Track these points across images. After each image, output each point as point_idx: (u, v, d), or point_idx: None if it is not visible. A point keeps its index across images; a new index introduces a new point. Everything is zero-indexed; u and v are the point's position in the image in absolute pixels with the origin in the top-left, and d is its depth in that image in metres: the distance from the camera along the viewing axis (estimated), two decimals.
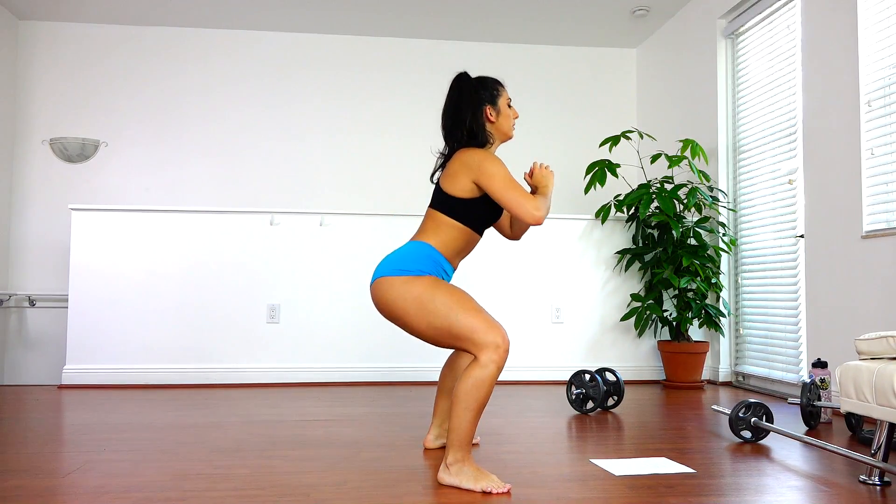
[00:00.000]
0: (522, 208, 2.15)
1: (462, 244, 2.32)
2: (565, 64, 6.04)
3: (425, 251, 2.25)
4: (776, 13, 4.18)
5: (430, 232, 2.29)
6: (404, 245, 2.30)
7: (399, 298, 2.18)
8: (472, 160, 2.23)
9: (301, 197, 5.64)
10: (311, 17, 5.46)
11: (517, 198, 2.16)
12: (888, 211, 3.29)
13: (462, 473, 2.06)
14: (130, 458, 2.42)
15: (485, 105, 2.34)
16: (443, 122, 2.39)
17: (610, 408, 3.51)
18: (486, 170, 2.19)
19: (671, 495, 2.01)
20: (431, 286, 2.17)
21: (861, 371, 2.20)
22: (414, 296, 2.16)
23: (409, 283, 2.18)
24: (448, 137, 2.37)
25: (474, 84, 2.36)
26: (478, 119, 2.33)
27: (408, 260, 2.22)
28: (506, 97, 2.39)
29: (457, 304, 2.12)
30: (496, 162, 2.21)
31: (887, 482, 2.14)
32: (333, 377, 4.42)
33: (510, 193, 2.16)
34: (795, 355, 3.93)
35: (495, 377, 2.07)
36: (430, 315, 2.13)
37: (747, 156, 4.46)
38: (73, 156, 5.39)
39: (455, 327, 2.10)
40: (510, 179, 2.18)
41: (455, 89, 2.37)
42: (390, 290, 2.20)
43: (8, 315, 5.35)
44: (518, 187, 2.17)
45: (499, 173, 2.18)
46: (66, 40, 5.53)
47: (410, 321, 2.18)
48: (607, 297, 4.69)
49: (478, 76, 2.40)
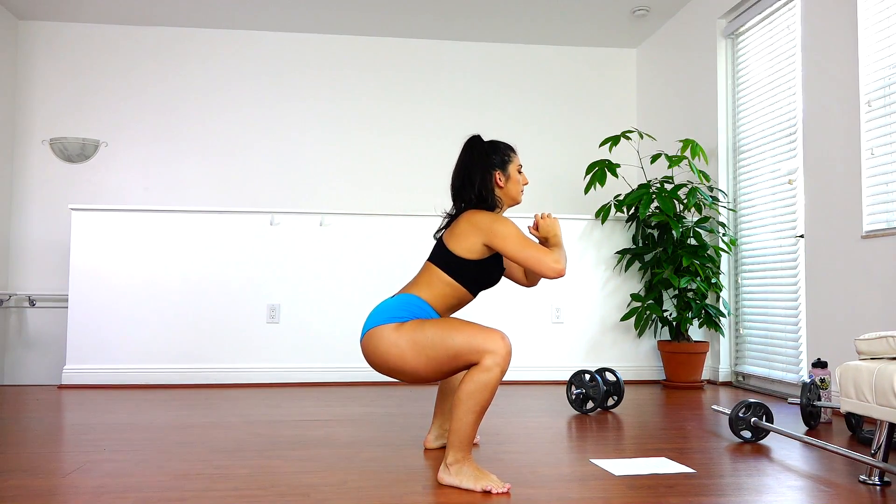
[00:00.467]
0: (543, 265, 2.15)
1: (454, 301, 2.31)
2: (565, 64, 6.04)
3: (415, 303, 2.23)
4: (776, 13, 4.18)
5: (424, 286, 2.28)
6: (394, 296, 2.28)
7: (392, 346, 2.15)
8: (481, 222, 2.23)
9: (301, 197, 5.64)
10: (311, 17, 5.46)
11: (535, 255, 2.16)
12: (888, 211, 3.29)
13: (462, 473, 2.07)
14: (130, 458, 2.42)
15: (495, 170, 2.34)
16: (452, 181, 2.39)
17: (610, 408, 3.51)
18: (498, 231, 2.19)
19: (671, 495, 2.01)
20: (419, 324, 2.16)
21: (861, 371, 2.20)
22: (406, 339, 2.13)
23: (399, 330, 2.16)
24: (456, 198, 2.37)
25: (486, 148, 2.36)
26: (486, 183, 2.32)
27: (397, 309, 2.21)
28: (516, 163, 2.39)
29: (447, 328, 2.11)
30: (507, 223, 2.21)
31: (887, 482, 2.14)
32: (333, 377, 4.42)
33: (526, 252, 2.16)
34: (795, 355, 3.93)
35: (498, 380, 2.06)
36: (425, 349, 2.11)
37: (747, 156, 4.46)
38: (73, 156, 5.39)
39: (452, 348, 2.08)
40: (524, 238, 2.18)
41: (466, 151, 2.37)
42: (382, 340, 2.17)
43: (8, 315, 5.35)
44: (533, 244, 2.17)
45: (511, 234, 2.18)
46: (66, 40, 5.53)
47: (409, 364, 2.14)
48: (607, 297, 4.69)
49: (490, 140, 2.40)
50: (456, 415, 2.07)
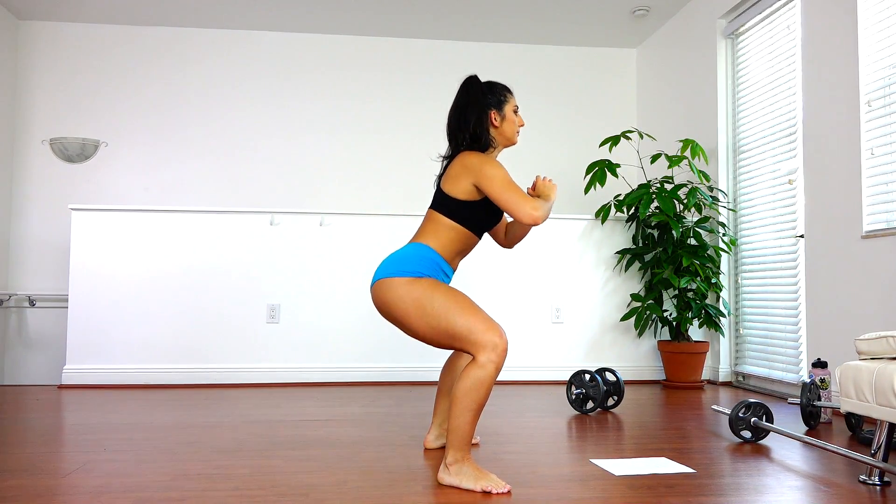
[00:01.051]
0: (520, 208, 2.15)
1: (461, 246, 2.33)
2: (565, 64, 6.04)
3: (425, 253, 2.26)
4: (776, 13, 4.18)
5: (430, 234, 2.30)
6: (404, 247, 2.30)
7: (399, 300, 2.19)
8: (472, 163, 2.24)
9: (301, 197, 5.64)
10: (311, 17, 5.46)
11: (515, 198, 2.16)
12: (888, 211, 3.29)
13: (462, 473, 2.06)
14: (130, 458, 2.42)
15: (490, 109, 2.35)
16: (448, 122, 2.40)
17: (610, 408, 3.51)
18: (486, 172, 2.20)
19: (671, 495, 2.01)
20: (430, 288, 2.18)
21: (861, 371, 2.20)
22: (413, 297, 2.16)
23: (408, 285, 2.18)
24: (451, 138, 2.38)
25: (482, 87, 2.37)
26: (482, 122, 2.33)
27: (407, 262, 2.23)
28: (513, 104, 2.39)
29: (455, 306, 2.13)
30: (496, 165, 2.22)
31: (887, 482, 2.14)
32: (333, 377, 4.42)
33: (507, 194, 2.17)
34: (795, 355, 3.93)
35: (494, 377, 2.07)
36: (428, 317, 2.14)
37: (747, 156, 4.46)
38: (73, 156, 5.39)
39: (453, 328, 2.11)
40: (509, 181, 2.19)
41: (463, 91, 2.38)
42: (390, 292, 2.21)
43: (8, 315, 5.35)
44: (516, 189, 2.18)
45: (498, 175, 2.19)
46: (66, 40, 5.53)
47: (410, 323, 2.19)
48: (607, 297, 4.69)
49: (487, 80, 2.41)
50: (453, 413, 2.08)
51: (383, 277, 2.23)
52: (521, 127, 2.42)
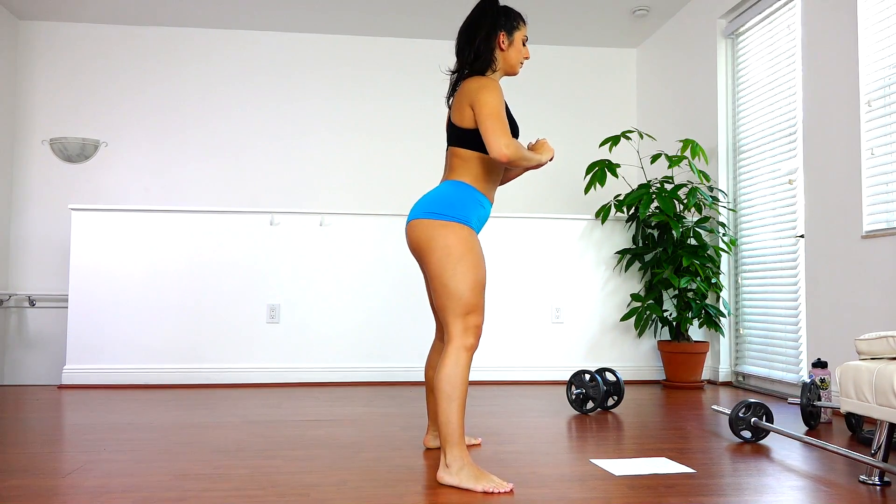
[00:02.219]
0: (495, 139, 2.11)
1: (492, 173, 2.31)
2: (565, 64, 6.04)
3: (459, 190, 2.24)
4: (776, 13, 4.18)
5: (458, 168, 2.29)
6: (439, 185, 2.29)
7: (431, 240, 2.19)
8: (470, 87, 2.22)
9: (301, 197, 5.64)
10: (311, 17, 5.46)
11: (494, 128, 2.12)
12: (888, 211, 3.29)
13: (462, 473, 2.06)
14: (130, 458, 2.42)
15: (500, 30, 2.32)
16: (457, 38, 2.38)
17: (610, 408, 3.51)
18: (480, 97, 2.18)
19: (671, 495, 2.01)
20: (465, 245, 2.17)
21: (861, 371, 2.20)
22: (445, 244, 2.17)
23: (443, 229, 2.18)
24: (458, 54, 2.36)
25: (497, 9, 2.34)
26: (489, 41, 2.31)
27: (444, 203, 2.22)
28: (523, 32, 2.37)
29: (474, 282, 2.15)
30: (492, 91, 2.19)
31: (887, 482, 2.14)
32: (333, 377, 4.42)
33: (489, 122, 2.13)
34: (795, 355, 3.93)
35: (467, 363, 2.13)
36: (448, 269, 2.15)
37: (747, 156, 4.46)
38: (73, 156, 5.40)
39: (456, 292, 2.14)
40: (497, 112, 2.15)
41: (477, 8, 2.35)
42: (425, 231, 2.20)
43: (8, 315, 5.35)
44: (501, 121, 2.14)
45: (490, 102, 2.16)
46: (66, 40, 5.53)
47: (430, 263, 2.19)
48: (607, 297, 4.69)
49: (504, 5, 2.38)
50: (439, 408, 2.10)
51: (417, 218, 2.23)
52: (525, 59, 2.39)
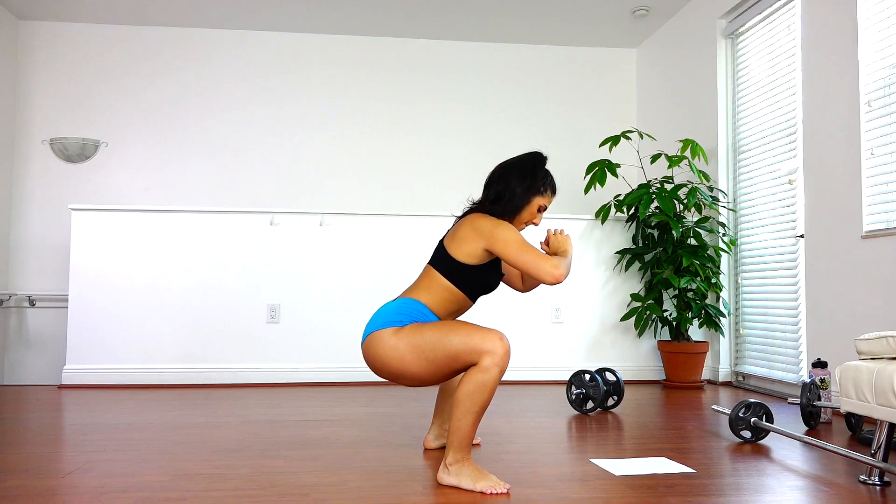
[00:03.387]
0: (541, 269, 2.14)
1: (454, 307, 2.31)
2: (565, 64, 6.04)
3: (415, 307, 2.23)
4: (776, 13, 4.18)
5: (423, 290, 2.28)
6: (394, 300, 2.28)
7: (392, 350, 2.15)
8: (483, 226, 2.22)
9: (301, 197, 5.64)
10: (311, 17, 5.46)
11: (534, 260, 2.15)
12: (888, 211, 3.29)
13: (462, 473, 2.06)
14: (130, 458, 2.42)
15: (534, 193, 2.31)
16: (492, 171, 2.37)
17: (610, 408, 3.51)
18: (500, 236, 2.18)
19: (671, 495, 2.01)
20: (417, 327, 2.15)
21: (861, 371, 2.20)
22: (405, 342, 2.13)
23: (398, 333, 2.16)
24: (487, 186, 2.35)
25: (542, 168, 2.34)
26: (522, 195, 2.29)
27: (394, 314, 2.21)
28: (547, 200, 2.35)
29: (446, 330, 2.11)
30: (508, 227, 2.21)
31: (887, 482, 2.14)
32: (333, 377, 4.42)
33: (525, 256, 2.15)
34: (795, 355, 3.93)
35: (497, 380, 2.06)
36: (424, 352, 2.11)
37: (747, 156, 4.46)
38: (73, 156, 5.40)
39: (451, 349, 2.08)
40: (524, 243, 2.17)
41: (528, 158, 2.35)
42: (381, 344, 2.17)
43: (8, 315, 5.35)
44: (533, 250, 2.17)
45: (513, 238, 2.18)
46: (66, 40, 5.53)
47: (408, 367, 2.14)
48: (607, 297, 4.68)
49: (547, 169, 2.37)
50: (455, 415, 2.07)
51: (371, 332, 2.21)
52: (533, 225, 2.37)
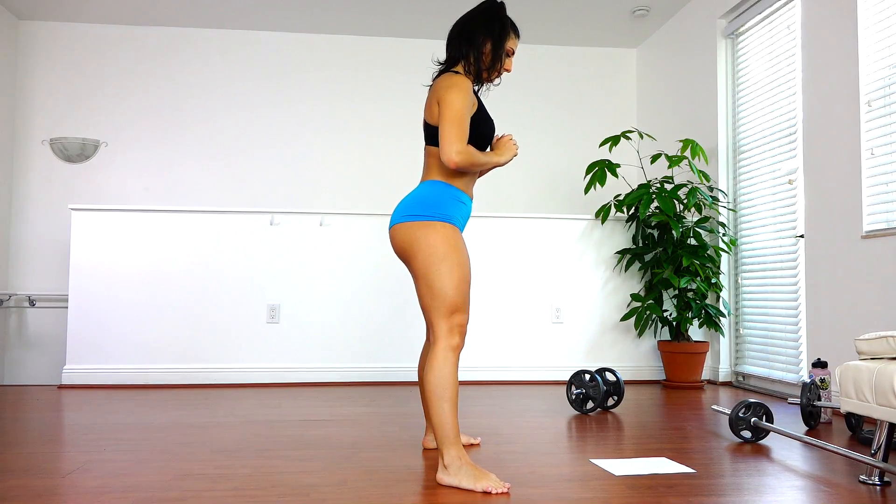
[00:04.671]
0: (447, 145, 2.10)
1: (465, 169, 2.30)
2: (565, 64, 6.04)
3: (437, 190, 2.23)
4: (776, 13, 4.18)
5: (434, 168, 2.28)
6: (417, 187, 2.28)
7: (414, 242, 2.18)
8: (441, 84, 2.22)
9: (301, 197, 5.64)
10: (311, 17, 5.46)
11: (450, 134, 2.11)
12: (888, 211, 3.29)
13: (461, 473, 2.06)
14: (130, 458, 2.42)
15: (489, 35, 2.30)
16: (451, 29, 2.37)
17: (610, 408, 3.51)
18: (446, 97, 2.16)
19: (671, 495, 2.01)
20: (448, 244, 2.16)
21: (861, 371, 2.20)
22: (429, 243, 2.16)
23: (426, 229, 2.18)
24: (448, 45, 2.36)
25: (499, 14, 2.32)
26: (476, 41, 2.29)
27: (424, 204, 2.21)
28: (513, 43, 2.34)
29: (458, 281, 2.15)
30: (460, 93, 2.16)
31: (887, 482, 2.14)
32: (333, 377, 4.42)
33: (447, 126, 2.12)
34: (795, 355, 3.93)
35: (456, 362, 2.13)
36: (432, 269, 2.15)
37: (747, 156, 4.46)
38: (73, 156, 5.40)
39: (441, 292, 2.13)
40: (459, 116, 2.13)
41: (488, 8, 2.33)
42: (408, 234, 2.20)
43: (8, 315, 5.35)
44: (460, 126, 2.12)
45: (455, 104, 2.14)
46: (66, 40, 5.53)
47: (416, 264, 2.19)
48: (607, 297, 4.68)
49: (507, 14, 2.36)
50: (432, 410, 2.11)
51: (400, 222, 2.22)
52: (506, 71, 2.36)
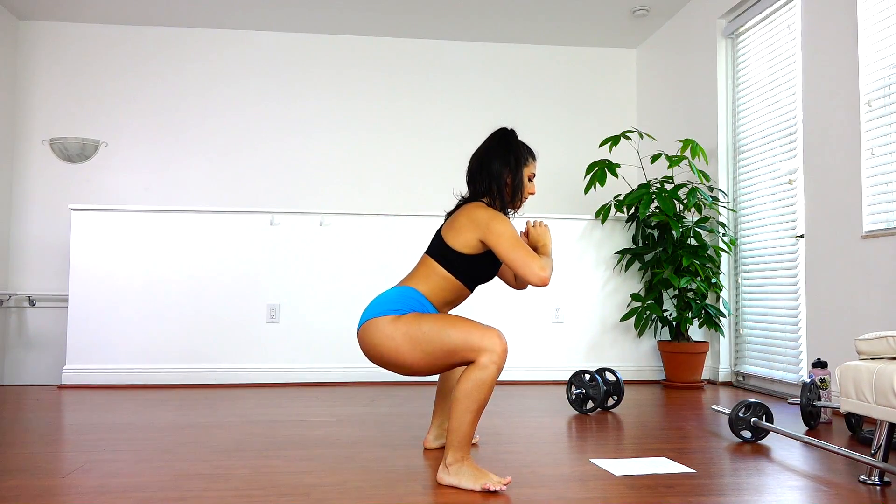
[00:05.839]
0: (528, 269, 2.15)
1: (451, 297, 2.32)
2: (565, 64, 6.04)
3: (412, 295, 2.24)
4: (776, 13, 4.18)
5: (421, 278, 2.28)
6: (391, 289, 2.28)
7: (387, 339, 2.15)
8: (480, 217, 2.23)
9: (301, 197, 5.64)
10: (311, 17, 5.46)
11: (523, 258, 2.16)
12: (888, 211, 3.29)
13: (461, 473, 2.06)
14: (130, 458, 2.42)
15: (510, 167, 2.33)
16: (469, 165, 2.39)
17: (610, 408, 3.51)
18: (494, 229, 2.20)
19: (671, 495, 2.01)
20: (415, 318, 2.16)
21: (861, 371, 2.20)
22: (402, 332, 2.14)
23: (395, 322, 2.16)
24: (470, 182, 2.38)
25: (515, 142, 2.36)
26: (501, 174, 2.33)
27: (391, 302, 2.21)
28: (531, 169, 2.38)
29: (445, 324, 2.12)
30: (504, 221, 2.22)
31: (887, 482, 2.14)
32: (333, 377, 4.42)
33: (515, 254, 2.16)
34: (795, 355, 3.93)
35: (495, 378, 2.06)
36: (421, 344, 2.12)
37: (747, 156, 4.46)
38: (73, 156, 5.39)
39: (448, 343, 2.09)
40: (517, 240, 2.19)
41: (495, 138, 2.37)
42: (377, 332, 2.17)
43: (8, 315, 5.35)
44: (524, 247, 2.18)
45: (506, 233, 2.19)
46: (66, 40, 5.53)
47: (404, 358, 2.15)
48: (607, 297, 4.68)
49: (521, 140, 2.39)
50: (454, 414, 2.07)
51: (368, 319, 2.21)
52: (530, 194, 2.40)
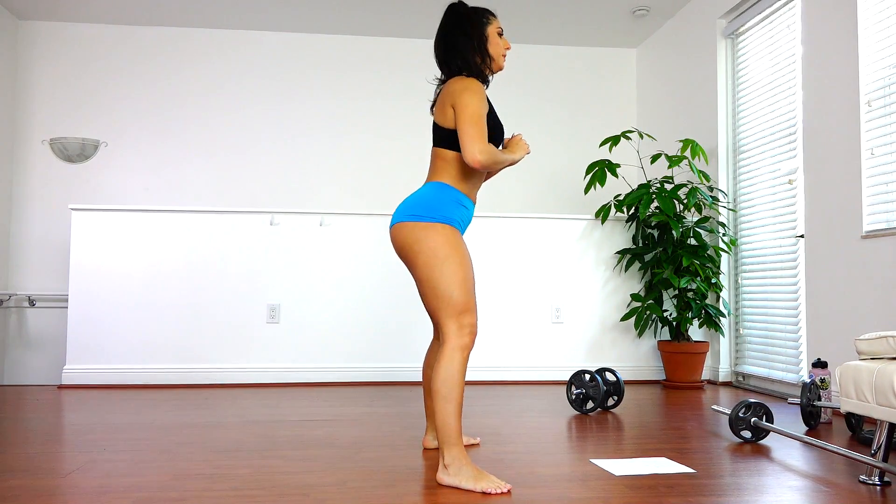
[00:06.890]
0: (470, 145, 2.10)
1: (474, 174, 2.29)
2: (565, 64, 6.04)
3: (440, 192, 2.22)
4: (776, 13, 4.18)
5: (440, 170, 2.27)
6: (421, 188, 2.28)
7: (415, 244, 2.18)
8: (455, 88, 2.21)
9: (301, 197, 5.64)
10: (311, 17, 5.46)
11: (471, 134, 2.10)
12: (888, 211, 3.29)
13: (461, 474, 2.06)
14: (130, 458, 2.42)
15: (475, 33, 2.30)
16: (435, 51, 2.36)
17: (610, 408, 3.51)
18: (461, 99, 2.16)
19: (671, 495, 2.01)
20: (450, 245, 2.16)
21: (861, 371, 2.20)
22: (430, 246, 2.16)
23: (426, 230, 2.17)
24: (442, 65, 2.35)
25: (466, 11, 2.32)
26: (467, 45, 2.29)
27: (425, 205, 2.20)
28: (495, 26, 2.35)
29: (462, 280, 2.14)
30: (474, 94, 2.17)
31: (887, 482, 2.14)
32: (333, 377, 4.42)
33: (467, 126, 2.11)
34: (795, 355, 3.93)
35: (463, 363, 2.12)
36: (435, 270, 2.14)
37: (747, 156, 4.46)
38: (73, 156, 5.39)
39: (445, 292, 2.13)
40: (477, 116, 2.13)
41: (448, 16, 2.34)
42: (409, 235, 2.19)
43: (8, 315, 5.35)
44: (479, 126, 2.12)
45: (471, 106, 2.14)
46: (66, 40, 5.53)
47: (417, 265, 2.18)
48: (607, 297, 4.68)
49: (472, 6, 2.36)
50: (437, 409, 2.10)
51: (402, 221, 2.22)
52: (506, 50, 2.37)
